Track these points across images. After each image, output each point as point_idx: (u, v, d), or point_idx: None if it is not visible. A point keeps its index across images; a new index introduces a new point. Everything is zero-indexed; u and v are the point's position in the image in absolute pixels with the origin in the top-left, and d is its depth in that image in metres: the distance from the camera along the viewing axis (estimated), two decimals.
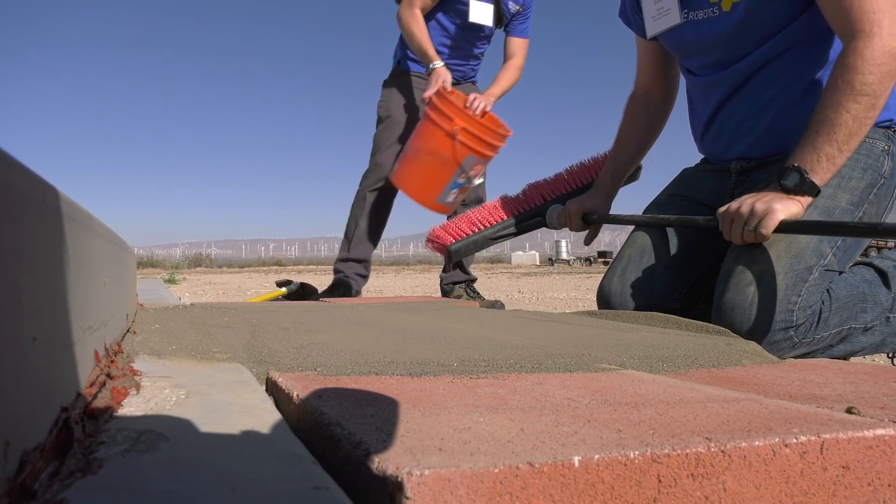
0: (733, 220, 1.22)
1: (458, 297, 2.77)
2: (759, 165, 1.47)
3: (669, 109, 1.74)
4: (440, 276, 2.96)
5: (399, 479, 0.35)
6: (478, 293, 2.87)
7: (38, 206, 0.36)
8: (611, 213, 1.69)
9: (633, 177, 1.80)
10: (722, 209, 1.26)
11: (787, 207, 1.17)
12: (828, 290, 1.28)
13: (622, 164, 1.70)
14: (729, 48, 1.42)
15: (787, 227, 1.16)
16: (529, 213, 1.75)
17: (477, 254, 2.10)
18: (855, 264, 1.38)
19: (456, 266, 2.78)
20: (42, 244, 0.37)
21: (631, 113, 1.72)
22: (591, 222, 1.64)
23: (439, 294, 2.94)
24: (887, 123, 1.39)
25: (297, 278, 3.23)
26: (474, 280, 2.92)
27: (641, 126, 1.70)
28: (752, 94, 1.43)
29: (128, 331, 0.97)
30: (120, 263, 0.85)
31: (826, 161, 1.17)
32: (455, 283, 2.87)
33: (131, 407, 0.51)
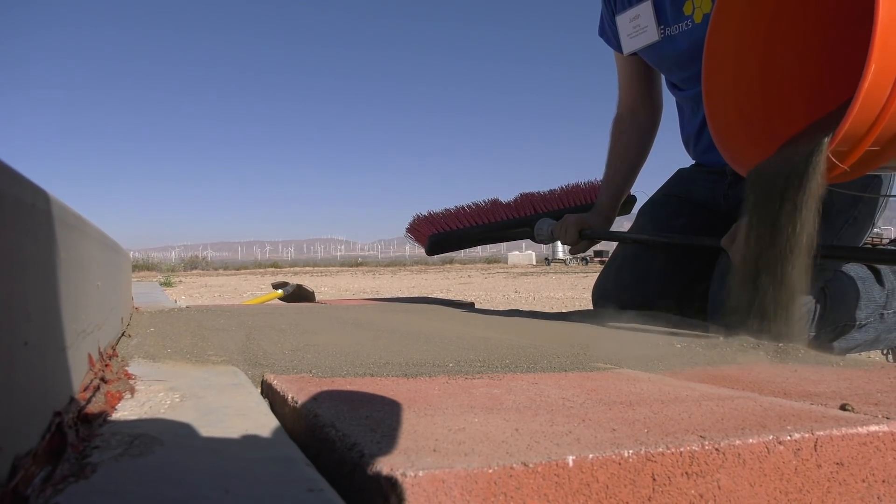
0: None
1: None
2: None
3: (657, 126, 1.72)
4: None
5: (393, 480, 0.35)
6: None
7: (29, 210, 0.36)
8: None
9: (625, 210, 1.78)
10: (729, 237, 1.22)
11: (804, 228, 1.14)
12: (823, 289, 1.28)
13: (617, 187, 1.68)
14: None
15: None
16: (517, 220, 1.74)
17: (473, 253, 2.09)
18: (848, 262, 1.38)
19: None
20: (33, 248, 0.37)
21: (619, 133, 1.68)
22: (586, 237, 1.62)
23: (436, 294, 2.93)
24: None
25: (294, 280, 3.23)
26: None
27: (631, 146, 1.67)
28: None
29: (123, 334, 0.96)
30: (114, 267, 0.85)
31: None
32: None
33: (125, 411, 0.51)
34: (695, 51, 1.41)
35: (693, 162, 1.70)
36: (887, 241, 1.94)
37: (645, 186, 1.78)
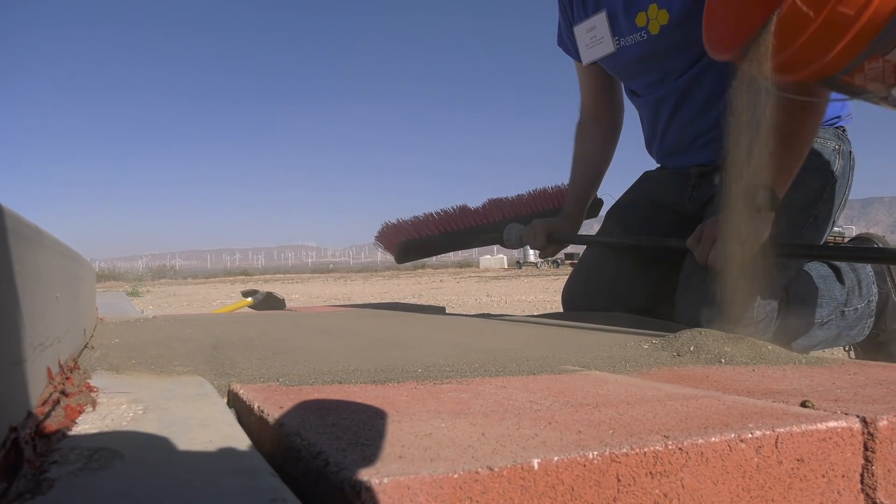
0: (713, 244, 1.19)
1: None
2: (717, 169, 1.50)
3: (620, 129, 1.74)
4: None
5: (357, 488, 0.35)
6: None
7: None
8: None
9: (592, 212, 1.80)
10: (695, 237, 1.23)
11: (767, 228, 1.16)
12: (786, 287, 1.31)
13: (584, 191, 1.69)
14: (665, 68, 1.43)
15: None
16: (486, 227, 1.75)
17: (445, 258, 2.10)
18: (810, 261, 1.41)
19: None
20: None
21: (582, 138, 1.70)
22: (555, 241, 1.63)
23: (407, 299, 2.92)
24: (835, 121, 1.42)
25: (264, 288, 3.20)
26: None
27: (595, 150, 1.69)
28: (700, 108, 1.44)
29: (86, 346, 0.94)
30: (75, 278, 0.83)
31: (787, 174, 1.18)
32: None
33: (86, 424, 0.50)
34: (650, 60, 1.43)
35: (658, 165, 1.72)
36: (848, 239, 1.99)
37: (611, 189, 1.79)
